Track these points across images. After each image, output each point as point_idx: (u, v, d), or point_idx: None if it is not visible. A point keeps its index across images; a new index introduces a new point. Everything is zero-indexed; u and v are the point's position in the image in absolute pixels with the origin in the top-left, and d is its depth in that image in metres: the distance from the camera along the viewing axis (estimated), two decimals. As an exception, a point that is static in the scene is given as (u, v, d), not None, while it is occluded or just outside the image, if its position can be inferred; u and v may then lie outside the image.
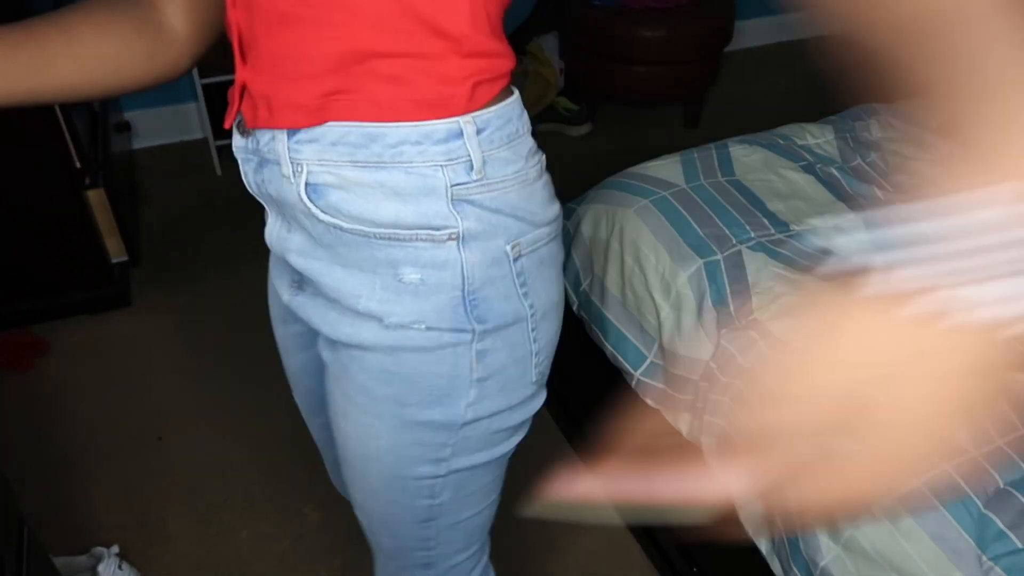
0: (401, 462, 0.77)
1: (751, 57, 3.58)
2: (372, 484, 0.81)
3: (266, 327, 0.97)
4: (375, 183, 0.64)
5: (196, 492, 1.69)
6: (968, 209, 0.28)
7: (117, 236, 2.10)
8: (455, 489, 0.80)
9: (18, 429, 1.81)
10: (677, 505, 0.43)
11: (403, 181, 0.64)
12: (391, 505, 0.82)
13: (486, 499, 0.86)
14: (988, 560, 0.88)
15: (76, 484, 1.69)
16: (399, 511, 0.82)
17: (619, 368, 1.39)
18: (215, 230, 2.46)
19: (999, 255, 0.28)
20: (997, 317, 0.29)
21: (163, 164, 2.77)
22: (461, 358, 0.70)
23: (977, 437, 0.99)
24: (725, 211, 1.38)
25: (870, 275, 0.31)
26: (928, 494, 0.93)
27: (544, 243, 0.72)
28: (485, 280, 0.68)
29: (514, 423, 0.78)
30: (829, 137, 1.64)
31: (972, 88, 0.30)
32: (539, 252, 0.72)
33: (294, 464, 1.74)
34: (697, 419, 1.24)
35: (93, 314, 2.13)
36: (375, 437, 0.76)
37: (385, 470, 0.79)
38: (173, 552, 1.57)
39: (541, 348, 0.76)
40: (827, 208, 1.43)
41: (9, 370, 1.94)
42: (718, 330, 1.20)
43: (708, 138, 1.68)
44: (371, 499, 0.83)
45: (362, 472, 0.81)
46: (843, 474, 0.35)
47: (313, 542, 1.59)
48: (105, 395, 1.90)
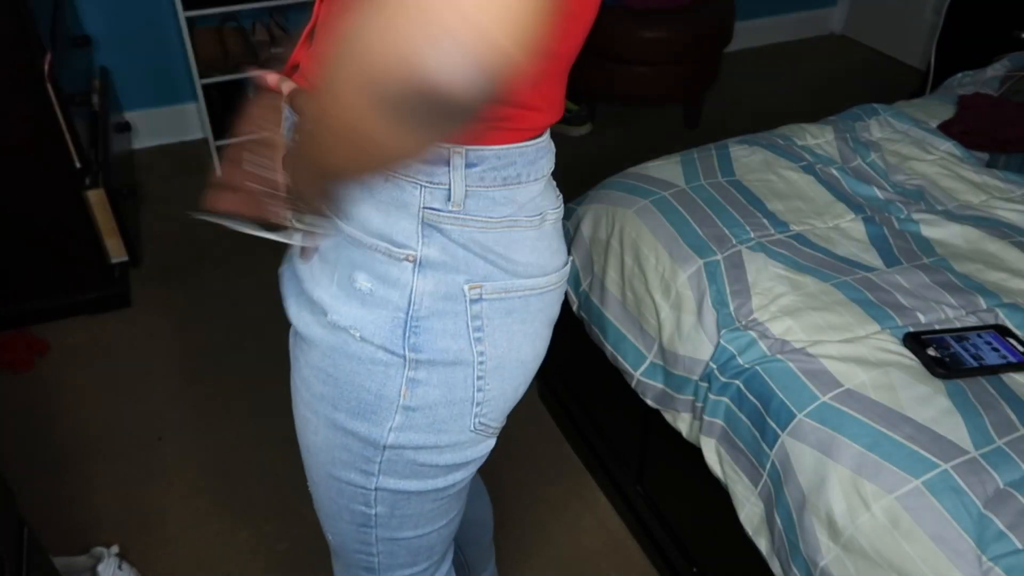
0: (334, 463, 0.77)
1: (751, 57, 3.58)
2: (313, 477, 0.82)
3: (266, 327, 0.97)
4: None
5: (196, 492, 1.69)
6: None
7: (117, 236, 2.10)
8: (390, 506, 0.79)
9: (18, 429, 1.81)
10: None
11: (381, 187, 0.64)
12: (330, 501, 0.82)
13: (430, 524, 0.83)
14: (988, 560, 0.88)
15: (76, 484, 1.69)
16: (338, 509, 0.81)
17: (619, 368, 1.39)
18: (215, 230, 2.46)
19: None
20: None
21: (163, 164, 2.77)
22: (391, 380, 0.69)
23: (977, 437, 0.99)
24: (725, 211, 1.38)
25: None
26: (928, 494, 0.93)
27: (520, 295, 0.69)
28: (433, 311, 0.66)
29: (446, 463, 0.75)
30: (829, 137, 1.64)
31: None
32: (510, 302, 0.69)
33: (294, 464, 1.74)
34: (697, 419, 1.24)
35: (93, 314, 2.13)
36: (312, 432, 0.77)
37: (321, 467, 0.79)
38: (173, 552, 1.57)
39: (487, 399, 0.72)
40: (827, 208, 1.43)
41: (9, 370, 1.94)
42: (718, 330, 1.20)
43: (708, 138, 1.69)
44: (315, 490, 0.84)
45: (306, 463, 0.82)
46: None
47: (313, 542, 1.59)
48: (105, 395, 1.90)
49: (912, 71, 3.45)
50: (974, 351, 1.11)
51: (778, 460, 1.07)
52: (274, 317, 2.07)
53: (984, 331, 1.15)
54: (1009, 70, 1.89)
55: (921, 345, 1.11)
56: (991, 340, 1.13)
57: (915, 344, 1.11)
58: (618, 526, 1.64)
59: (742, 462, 1.14)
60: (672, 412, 1.30)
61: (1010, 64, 1.92)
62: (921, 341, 1.12)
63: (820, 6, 3.77)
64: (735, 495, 1.16)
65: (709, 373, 1.19)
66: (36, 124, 1.82)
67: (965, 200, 1.49)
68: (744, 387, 1.14)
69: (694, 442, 1.25)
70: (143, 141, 2.85)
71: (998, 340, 1.13)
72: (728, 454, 1.17)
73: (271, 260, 2.28)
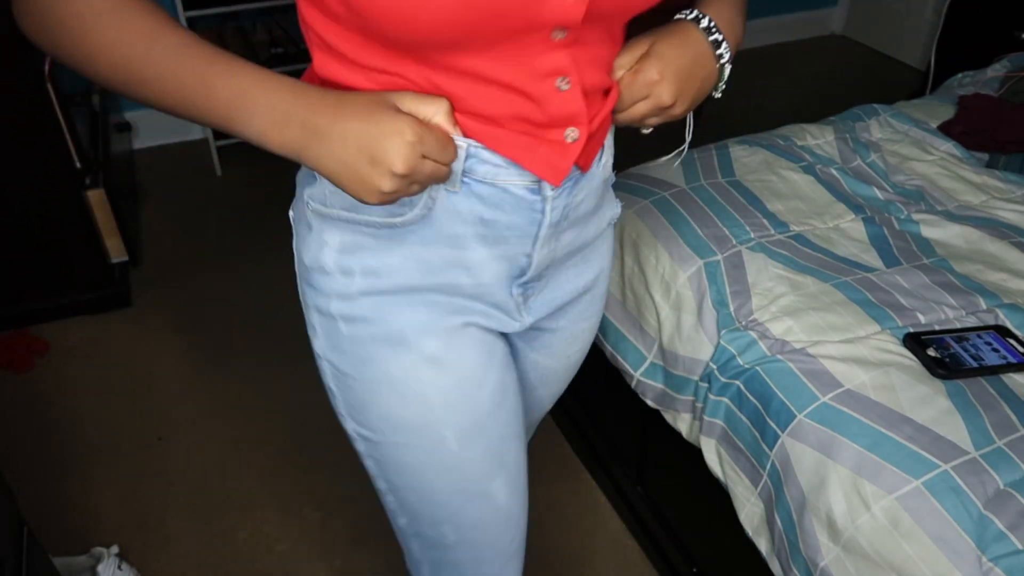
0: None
1: (751, 57, 3.58)
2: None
3: (266, 327, 0.97)
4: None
5: (196, 492, 1.69)
6: None
7: (117, 236, 2.10)
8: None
9: (18, 429, 1.81)
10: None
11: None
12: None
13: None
14: (988, 561, 0.88)
15: (76, 484, 1.69)
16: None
17: (619, 368, 1.39)
18: (215, 230, 2.46)
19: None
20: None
21: (163, 164, 2.77)
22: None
23: (977, 438, 0.99)
24: (725, 211, 1.38)
25: None
26: (928, 494, 0.93)
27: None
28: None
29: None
30: (829, 138, 1.64)
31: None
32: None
33: (294, 464, 1.74)
34: (697, 419, 1.24)
35: (93, 314, 2.13)
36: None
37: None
38: (173, 552, 1.57)
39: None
40: (827, 209, 1.43)
41: (9, 370, 1.94)
42: (718, 330, 1.20)
43: (708, 138, 1.68)
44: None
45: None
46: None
47: (313, 542, 1.59)
48: (105, 395, 1.91)
49: (912, 71, 3.45)
50: (974, 351, 1.11)
51: (778, 460, 1.07)
52: (273, 316, 2.07)
53: (984, 331, 1.15)
54: (1009, 70, 1.89)
55: (921, 345, 1.11)
56: (991, 340, 1.13)
57: (915, 344, 1.11)
58: (618, 526, 1.64)
59: (742, 462, 1.14)
60: (672, 412, 1.30)
61: (1010, 64, 1.92)
62: (921, 341, 1.12)
63: (820, 6, 3.77)
64: (735, 495, 1.16)
65: (709, 373, 1.19)
66: (36, 124, 1.82)
67: (965, 200, 1.49)
68: (744, 387, 1.14)
69: (694, 442, 1.25)
70: (143, 141, 2.85)
71: (998, 340, 1.13)
72: (728, 454, 1.17)
73: (271, 260, 2.28)
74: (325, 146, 0.59)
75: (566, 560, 1.58)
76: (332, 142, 0.58)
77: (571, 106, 0.66)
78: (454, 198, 0.68)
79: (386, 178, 0.59)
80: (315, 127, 0.58)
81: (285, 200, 0.79)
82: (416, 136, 0.59)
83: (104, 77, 0.60)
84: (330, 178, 0.60)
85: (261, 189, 2.60)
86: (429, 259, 0.71)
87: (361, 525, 1.60)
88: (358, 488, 0.86)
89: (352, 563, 1.55)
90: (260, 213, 2.51)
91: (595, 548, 1.60)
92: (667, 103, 0.71)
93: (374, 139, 0.58)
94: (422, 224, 0.69)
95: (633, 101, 0.71)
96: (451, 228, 0.70)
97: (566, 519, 1.65)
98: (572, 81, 0.64)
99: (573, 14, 0.59)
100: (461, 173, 0.66)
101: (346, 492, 1.66)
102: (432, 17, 0.56)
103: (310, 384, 1.91)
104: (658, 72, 0.69)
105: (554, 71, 0.63)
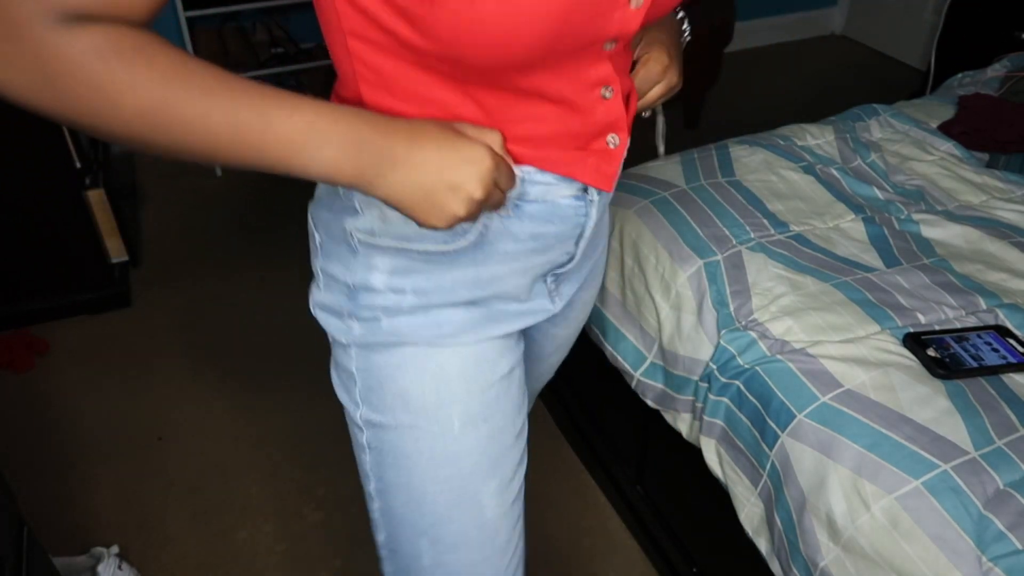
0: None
1: (751, 57, 3.58)
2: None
3: (266, 327, 0.97)
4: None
5: (196, 492, 1.69)
6: None
7: (117, 236, 2.10)
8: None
9: (18, 429, 1.81)
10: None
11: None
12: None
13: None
14: (988, 561, 0.88)
15: (76, 484, 1.69)
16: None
17: (619, 368, 1.39)
18: (215, 230, 2.46)
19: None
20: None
21: (163, 164, 2.77)
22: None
23: (977, 438, 0.99)
24: (725, 211, 1.38)
25: None
26: (928, 494, 0.93)
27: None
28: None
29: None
30: (829, 138, 1.64)
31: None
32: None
33: (294, 464, 1.74)
34: (697, 419, 1.24)
35: (93, 314, 2.13)
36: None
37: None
38: (173, 552, 1.57)
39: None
40: (827, 209, 1.43)
41: (9, 370, 1.94)
42: (718, 330, 1.20)
43: (708, 138, 1.69)
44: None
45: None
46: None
47: (313, 542, 1.59)
48: (105, 395, 1.90)
49: (912, 71, 3.45)
50: (974, 351, 1.11)
51: (778, 460, 1.07)
52: (273, 317, 2.07)
53: (984, 331, 1.15)
54: (1009, 70, 1.89)
55: (921, 345, 1.11)
56: (991, 340, 1.13)
57: (915, 344, 1.11)
58: (618, 526, 1.64)
59: (742, 462, 1.14)
60: (672, 412, 1.30)
61: (1010, 64, 1.92)
62: (921, 341, 1.12)
63: (820, 6, 3.77)
64: (735, 495, 1.16)
65: (709, 373, 1.19)
66: (36, 124, 1.82)
67: (965, 200, 1.49)
68: (744, 387, 1.14)
69: (694, 442, 1.25)
70: (143, 141, 2.84)
71: (998, 340, 1.13)
72: (728, 454, 1.17)
73: (271, 260, 2.28)
74: (401, 172, 0.58)
75: (566, 559, 1.58)
76: (410, 168, 0.58)
77: (613, 113, 0.69)
78: (507, 222, 0.70)
79: (464, 204, 0.59)
80: (392, 154, 0.57)
81: (285, 200, 0.79)
82: (494, 163, 0.60)
83: (123, 123, 0.51)
84: (401, 204, 0.59)
85: (261, 189, 2.61)
86: (479, 277, 0.73)
87: (361, 525, 1.60)
88: (358, 488, 0.85)
89: (352, 563, 1.55)
90: (260, 213, 2.51)
91: (595, 547, 1.60)
92: (678, 83, 0.77)
93: (454, 165, 0.58)
94: (474, 248, 0.71)
95: (649, 87, 0.76)
96: (503, 248, 0.72)
97: (566, 518, 1.65)
98: (615, 89, 0.67)
99: (632, 25, 0.61)
100: (516, 198, 0.69)
101: (346, 492, 1.66)
102: (526, 41, 0.56)
103: (310, 384, 1.91)
104: (667, 56, 0.75)
105: (600, 81, 0.66)
